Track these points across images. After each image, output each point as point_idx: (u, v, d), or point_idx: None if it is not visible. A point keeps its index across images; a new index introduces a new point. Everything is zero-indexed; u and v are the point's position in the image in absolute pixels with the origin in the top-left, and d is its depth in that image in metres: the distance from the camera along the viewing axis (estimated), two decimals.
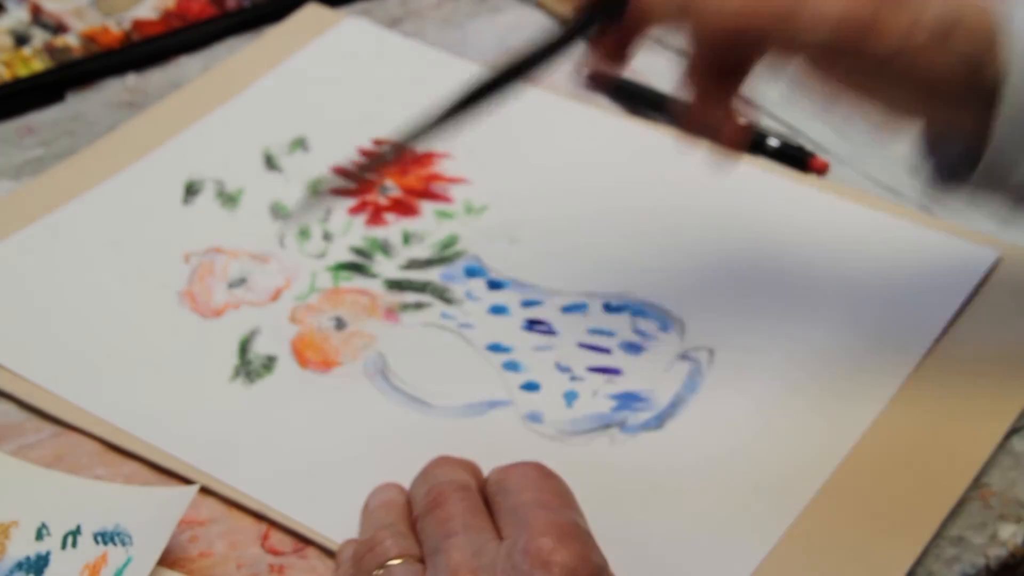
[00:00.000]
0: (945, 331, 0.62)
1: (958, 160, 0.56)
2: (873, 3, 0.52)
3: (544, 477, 0.50)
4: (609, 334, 0.63)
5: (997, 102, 0.52)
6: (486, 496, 0.50)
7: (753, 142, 0.74)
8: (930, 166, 0.58)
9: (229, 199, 0.69)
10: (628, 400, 0.60)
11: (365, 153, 0.65)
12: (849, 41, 0.52)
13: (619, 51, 0.57)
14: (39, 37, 0.79)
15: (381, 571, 0.48)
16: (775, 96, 0.78)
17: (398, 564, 0.48)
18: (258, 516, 0.55)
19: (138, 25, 0.80)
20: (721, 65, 0.56)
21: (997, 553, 0.55)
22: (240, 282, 0.65)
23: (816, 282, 0.65)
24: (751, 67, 0.57)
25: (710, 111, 0.57)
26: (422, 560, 0.48)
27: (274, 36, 0.80)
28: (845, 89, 0.55)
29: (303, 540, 0.54)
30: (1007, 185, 0.54)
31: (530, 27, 0.82)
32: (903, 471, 0.57)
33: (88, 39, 0.79)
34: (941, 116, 0.54)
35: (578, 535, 0.46)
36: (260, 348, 0.62)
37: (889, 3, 0.52)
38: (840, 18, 0.51)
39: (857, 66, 0.53)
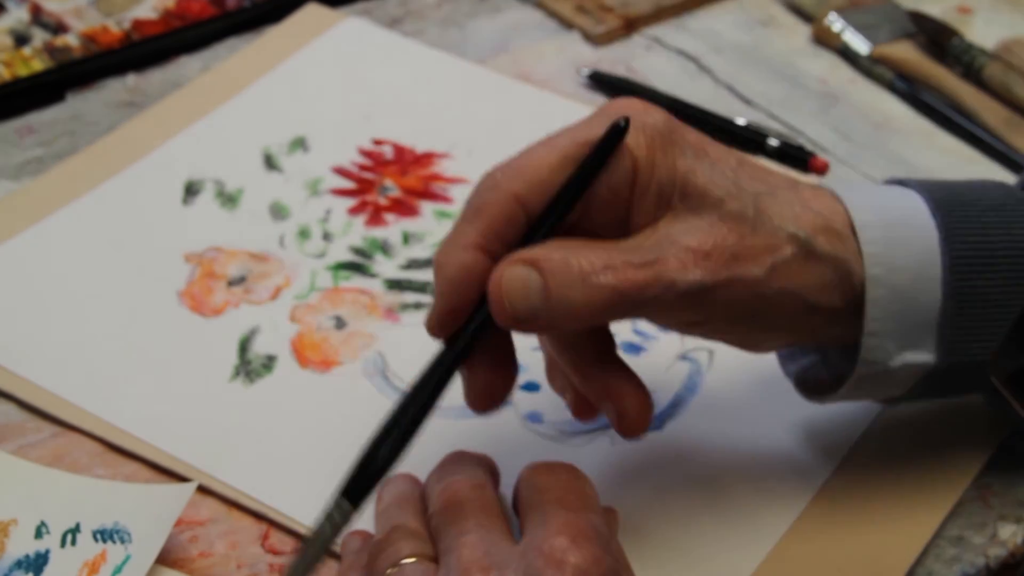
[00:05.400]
0: None
1: (819, 370, 0.56)
2: (733, 231, 0.50)
3: (572, 479, 0.50)
4: None
5: (864, 297, 0.51)
6: (516, 491, 0.51)
7: (753, 142, 0.74)
8: (795, 379, 0.57)
9: (229, 199, 0.69)
10: None
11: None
12: (722, 272, 0.49)
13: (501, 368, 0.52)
14: (39, 37, 0.79)
15: (394, 570, 0.48)
16: (775, 96, 0.78)
17: (411, 563, 0.48)
18: (258, 516, 0.55)
19: (138, 25, 0.80)
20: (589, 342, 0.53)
21: (997, 553, 0.55)
22: (240, 281, 0.65)
23: None
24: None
25: (601, 391, 0.52)
26: (435, 559, 0.48)
27: (274, 36, 0.80)
28: (726, 327, 0.52)
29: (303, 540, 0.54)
30: (886, 376, 0.53)
31: (530, 27, 0.82)
32: (903, 471, 0.57)
33: (88, 39, 0.79)
34: (816, 327, 0.52)
35: (594, 537, 0.46)
36: (260, 347, 0.62)
37: (746, 228, 0.50)
38: (707, 253, 0.49)
39: (734, 295, 0.50)
